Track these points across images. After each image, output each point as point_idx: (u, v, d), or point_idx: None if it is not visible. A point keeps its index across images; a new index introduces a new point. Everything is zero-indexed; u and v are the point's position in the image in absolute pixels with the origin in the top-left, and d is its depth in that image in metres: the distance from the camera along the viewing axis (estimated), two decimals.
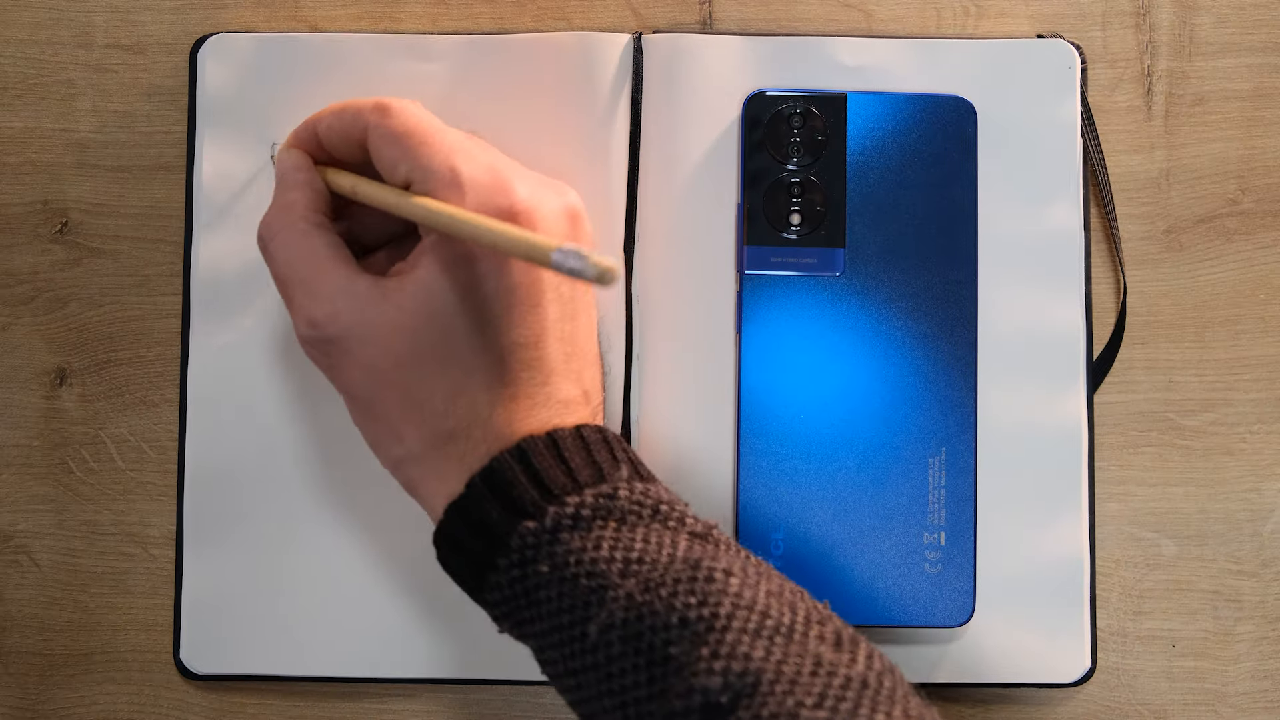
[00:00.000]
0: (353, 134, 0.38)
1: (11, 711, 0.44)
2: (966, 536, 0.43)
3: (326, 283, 0.36)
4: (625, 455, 0.36)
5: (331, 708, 0.44)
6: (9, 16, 0.45)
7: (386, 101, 0.37)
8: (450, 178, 0.36)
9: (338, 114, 0.38)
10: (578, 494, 0.34)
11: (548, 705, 0.44)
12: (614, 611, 0.32)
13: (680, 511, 0.35)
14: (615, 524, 0.34)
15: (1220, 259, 0.45)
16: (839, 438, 0.43)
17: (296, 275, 0.37)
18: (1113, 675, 0.45)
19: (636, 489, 0.35)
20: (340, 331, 0.36)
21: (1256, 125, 0.46)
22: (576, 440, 0.35)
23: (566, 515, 0.34)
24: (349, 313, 0.36)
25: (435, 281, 0.36)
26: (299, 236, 0.37)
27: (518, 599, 0.34)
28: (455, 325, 0.36)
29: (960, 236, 0.43)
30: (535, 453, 0.35)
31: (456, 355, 0.36)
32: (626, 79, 0.43)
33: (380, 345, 0.36)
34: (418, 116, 0.37)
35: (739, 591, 0.32)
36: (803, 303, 0.43)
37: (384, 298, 0.36)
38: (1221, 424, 0.45)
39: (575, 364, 0.38)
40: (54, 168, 0.45)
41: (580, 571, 0.33)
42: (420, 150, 0.36)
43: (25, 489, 0.45)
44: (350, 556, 0.43)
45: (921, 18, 0.45)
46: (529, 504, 0.34)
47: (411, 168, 0.36)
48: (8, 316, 0.45)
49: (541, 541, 0.34)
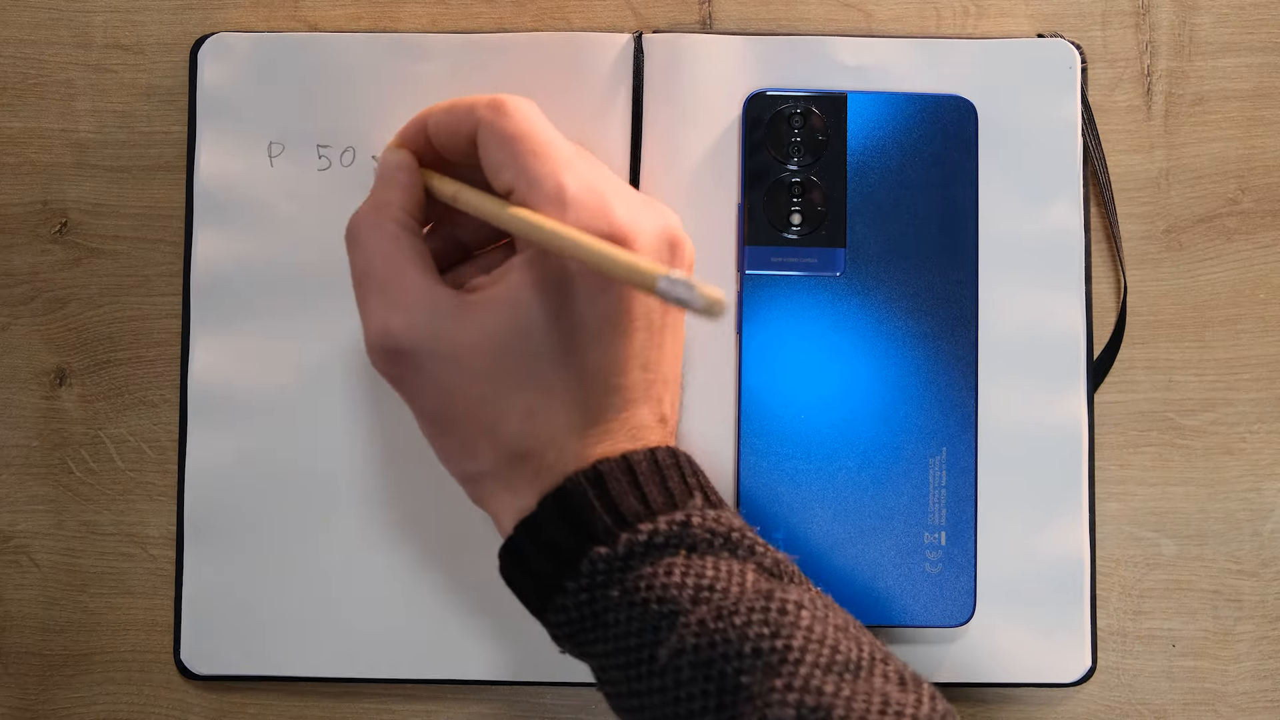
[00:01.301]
0: (463, 129, 0.36)
1: (11, 711, 0.44)
2: (967, 536, 0.43)
3: (407, 291, 0.35)
4: (697, 481, 0.36)
5: (331, 708, 0.44)
6: (9, 16, 0.45)
7: (502, 99, 0.36)
8: (555, 193, 0.34)
9: (449, 109, 0.37)
10: (651, 521, 0.34)
11: (548, 705, 0.44)
12: (685, 637, 0.32)
13: (750, 540, 0.35)
14: (687, 551, 0.34)
15: (1220, 259, 0.45)
16: (839, 437, 0.43)
17: (376, 278, 0.36)
18: (1113, 675, 0.45)
19: (709, 516, 0.34)
20: (414, 344, 0.35)
21: (1256, 125, 0.46)
22: (650, 464, 0.35)
23: (639, 543, 0.33)
24: (427, 325, 0.35)
25: (525, 299, 0.35)
26: (387, 238, 0.36)
27: (583, 621, 0.34)
28: (540, 346, 0.35)
29: (961, 236, 0.43)
30: (610, 477, 0.34)
31: (537, 376, 0.35)
32: (626, 79, 0.43)
33: (458, 362, 0.35)
34: (531, 121, 0.36)
35: (810, 625, 0.32)
36: (803, 303, 0.43)
37: (466, 313, 0.35)
38: (1221, 424, 0.45)
39: (656, 389, 0.37)
40: (54, 168, 0.45)
41: (651, 597, 0.33)
42: (529, 159, 0.35)
43: (25, 489, 0.45)
44: (350, 556, 0.43)
45: (921, 17, 0.45)
46: (601, 529, 0.34)
47: (517, 175, 0.35)
48: (8, 316, 0.45)
49: (613, 568, 0.33)
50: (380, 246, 0.36)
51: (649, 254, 0.35)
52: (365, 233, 0.36)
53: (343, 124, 0.44)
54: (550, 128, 0.36)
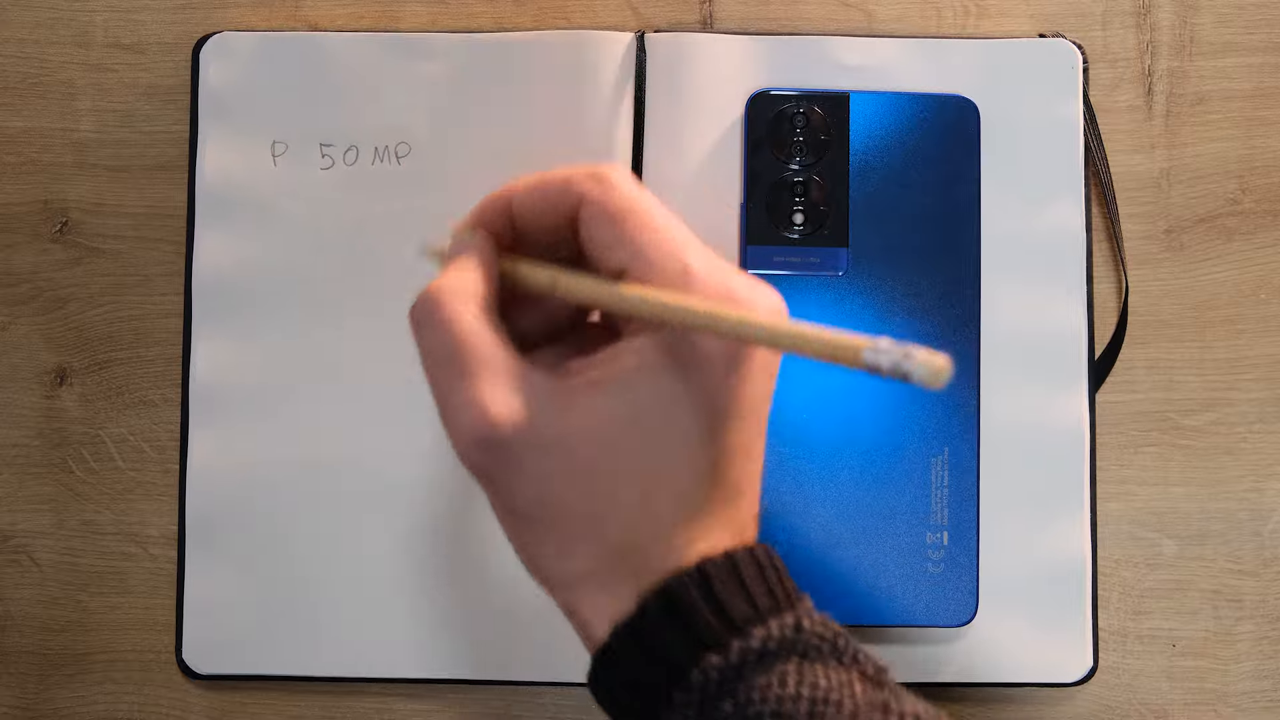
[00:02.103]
0: (561, 206, 0.33)
1: (11, 711, 0.44)
2: (969, 536, 0.43)
3: (505, 375, 0.31)
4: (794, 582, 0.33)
5: (331, 708, 0.44)
6: (9, 16, 0.45)
7: (604, 171, 0.32)
8: (680, 274, 0.31)
9: (539, 185, 0.33)
10: (762, 626, 0.31)
11: (548, 705, 0.44)
12: None
13: (855, 647, 0.32)
14: (798, 659, 0.31)
15: (1220, 259, 0.46)
16: (841, 437, 0.43)
17: (463, 362, 0.31)
18: (1113, 675, 0.45)
19: (818, 620, 0.32)
20: (516, 434, 0.30)
21: (1256, 125, 0.46)
22: (753, 564, 0.32)
23: (752, 650, 0.30)
24: (530, 412, 0.31)
25: (643, 382, 0.31)
26: (471, 316, 0.31)
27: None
28: (657, 433, 0.31)
29: (962, 236, 0.43)
30: (717, 578, 0.31)
31: (651, 465, 0.31)
32: (627, 78, 0.43)
33: (565, 452, 0.31)
34: (638, 194, 0.32)
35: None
36: (806, 302, 0.43)
37: (574, 398, 0.31)
38: (1222, 424, 0.45)
39: (756, 481, 0.34)
40: (54, 167, 0.45)
41: (765, 710, 0.30)
42: (647, 235, 0.31)
43: (25, 489, 0.45)
44: (351, 556, 0.43)
45: (922, 17, 0.46)
46: (710, 635, 0.30)
47: (633, 254, 0.31)
48: (8, 316, 0.45)
49: (726, 678, 0.30)
50: (465, 325, 0.31)
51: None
52: (446, 310, 0.31)
53: (345, 123, 0.44)
54: (654, 198, 0.33)
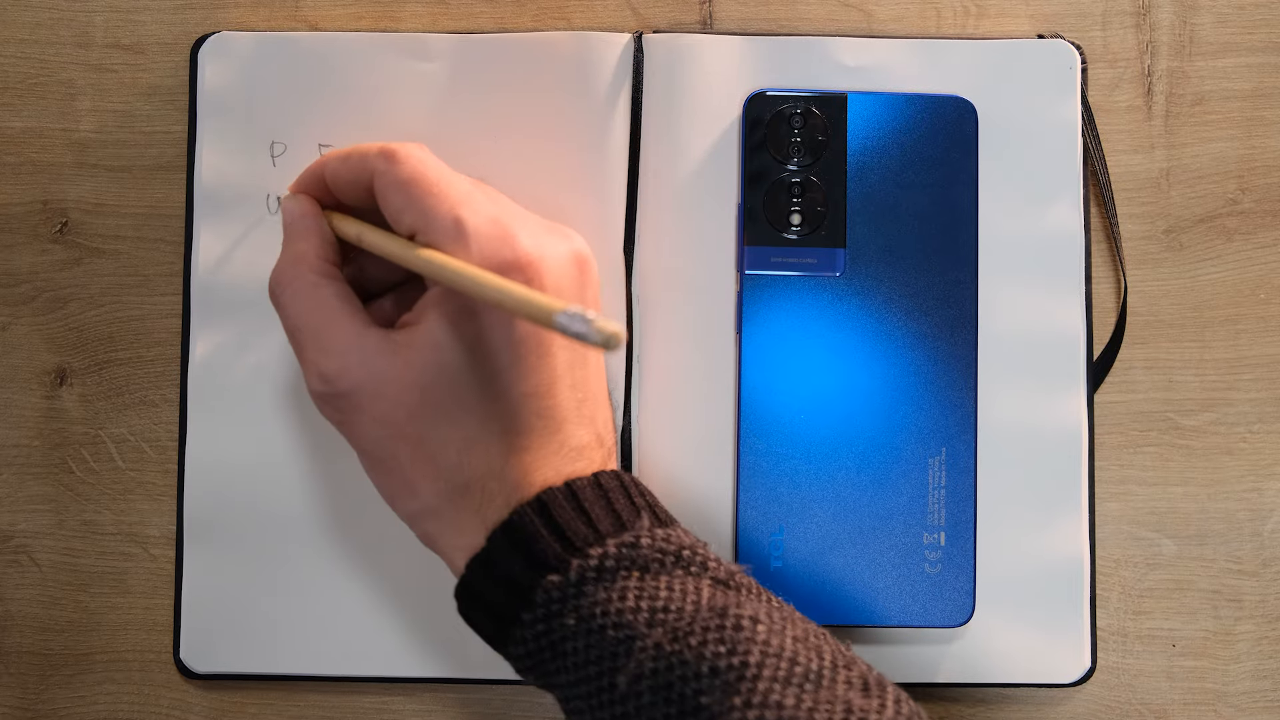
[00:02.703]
0: (360, 179, 0.37)
1: (11, 711, 0.44)
2: (966, 537, 0.43)
3: (338, 337, 0.36)
4: (644, 500, 0.36)
5: (331, 708, 0.44)
6: (9, 16, 0.45)
7: (393, 148, 0.37)
8: (454, 229, 0.35)
9: (343, 159, 0.38)
10: (600, 545, 0.34)
11: (549, 705, 0.44)
12: (643, 662, 0.32)
13: (702, 556, 0.35)
14: (639, 573, 0.34)
15: (1220, 259, 0.45)
16: (839, 438, 0.43)
17: (308, 329, 0.36)
18: (1113, 675, 0.45)
19: (658, 536, 0.35)
20: (351, 386, 0.35)
21: (1256, 125, 0.46)
22: (595, 489, 0.35)
23: (590, 568, 0.34)
24: (360, 367, 0.35)
25: (442, 335, 0.35)
26: (309, 289, 0.37)
27: (543, 652, 0.34)
28: (464, 378, 0.35)
29: (961, 236, 0.43)
30: (555, 504, 0.35)
31: (467, 407, 0.36)
32: (626, 79, 0.43)
33: (391, 400, 0.35)
34: (424, 163, 0.37)
35: (767, 639, 0.32)
36: (803, 303, 0.43)
37: (394, 351, 0.35)
38: (1221, 424, 0.45)
39: (588, 409, 0.37)
40: (54, 168, 0.45)
41: (607, 623, 0.33)
42: (425, 199, 0.36)
43: (25, 489, 0.45)
44: (350, 556, 0.43)
45: (921, 18, 0.45)
46: (551, 557, 0.34)
47: (416, 217, 0.36)
48: (8, 316, 0.45)
49: (566, 595, 0.34)
50: (305, 298, 0.37)
51: (559, 278, 0.36)
52: (287, 287, 0.37)
53: (344, 123, 0.44)
54: (443, 167, 0.37)
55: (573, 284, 0.37)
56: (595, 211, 0.43)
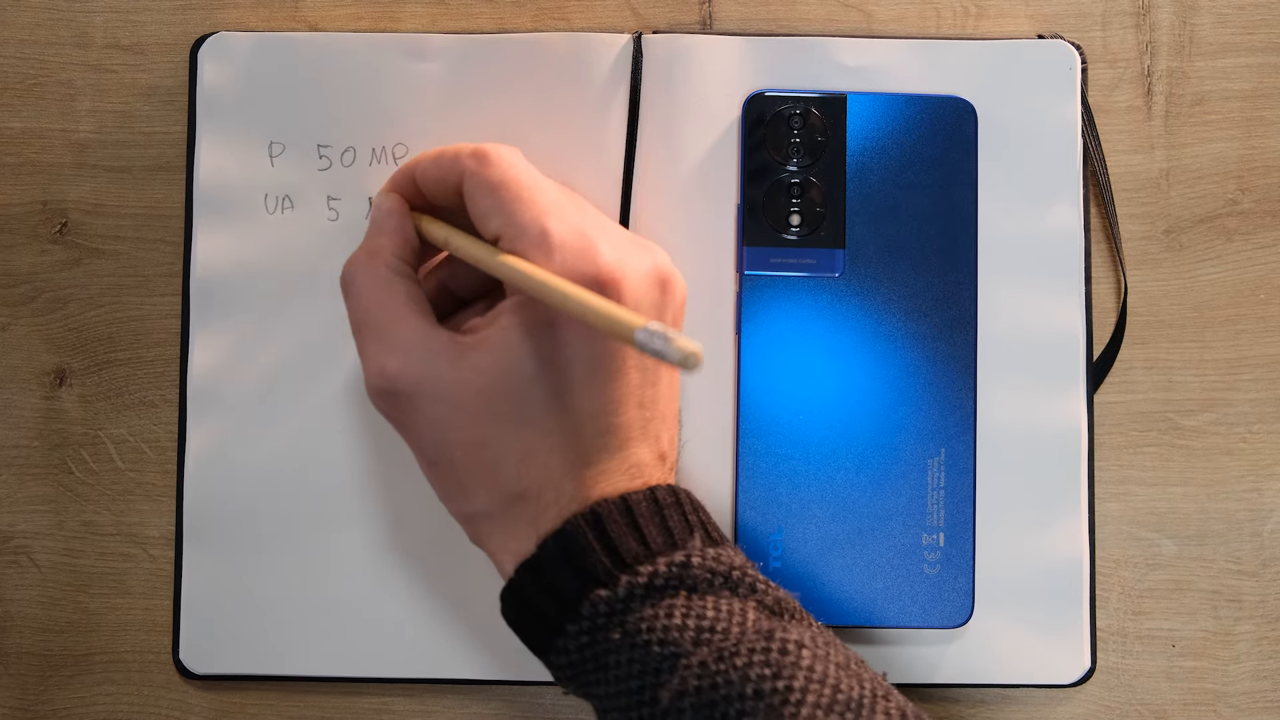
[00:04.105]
0: (449, 180, 0.37)
1: (11, 712, 0.44)
2: (966, 537, 0.43)
3: (403, 334, 0.36)
4: (697, 518, 0.36)
5: (331, 708, 0.44)
6: (9, 16, 0.45)
7: (485, 149, 0.37)
8: (540, 238, 0.35)
9: (435, 159, 0.38)
10: (650, 563, 0.34)
11: (548, 705, 0.44)
12: (686, 679, 0.32)
13: (751, 578, 0.35)
14: (687, 592, 0.34)
15: (1220, 259, 0.45)
16: (838, 438, 0.43)
17: (373, 323, 0.36)
18: (1113, 675, 0.45)
19: (709, 555, 0.35)
20: (411, 386, 0.35)
21: (1256, 125, 0.46)
22: (650, 504, 0.35)
23: (639, 585, 0.34)
24: (422, 367, 0.35)
25: (515, 343, 0.35)
26: (380, 283, 0.37)
27: (585, 663, 0.34)
28: (532, 389, 0.35)
29: (960, 237, 0.43)
30: (609, 518, 0.34)
31: (531, 418, 0.35)
32: (624, 80, 0.43)
33: (453, 404, 0.35)
34: (515, 167, 0.36)
35: (811, 664, 0.32)
36: (802, 303, 0.43)
37: (461, 355, 0.35)
38: (1221, 424, 0.45)
39: (654, 427, 0.37)
40: (54, 168, 0.45)
41: (652, 639, 0.33)
42: (514, 205, 0.35)
43: (25, 489, 0.45)
44: (350, 556, 0.43)
45: (921, 18, 0.45)
46: (601, 572, 0.34)
47: (503, 222, 0.36)
48: (8, 316, 0.45)
49: (614, 610, 0.34)
50: (374, 291, 0.36)
51: (638, 293, 0.36)
52: (359, 278, 0.37)
53: (343, 124, 0.44)
54: (534, 173, 0.37)
55: (653, 300, 0.36)
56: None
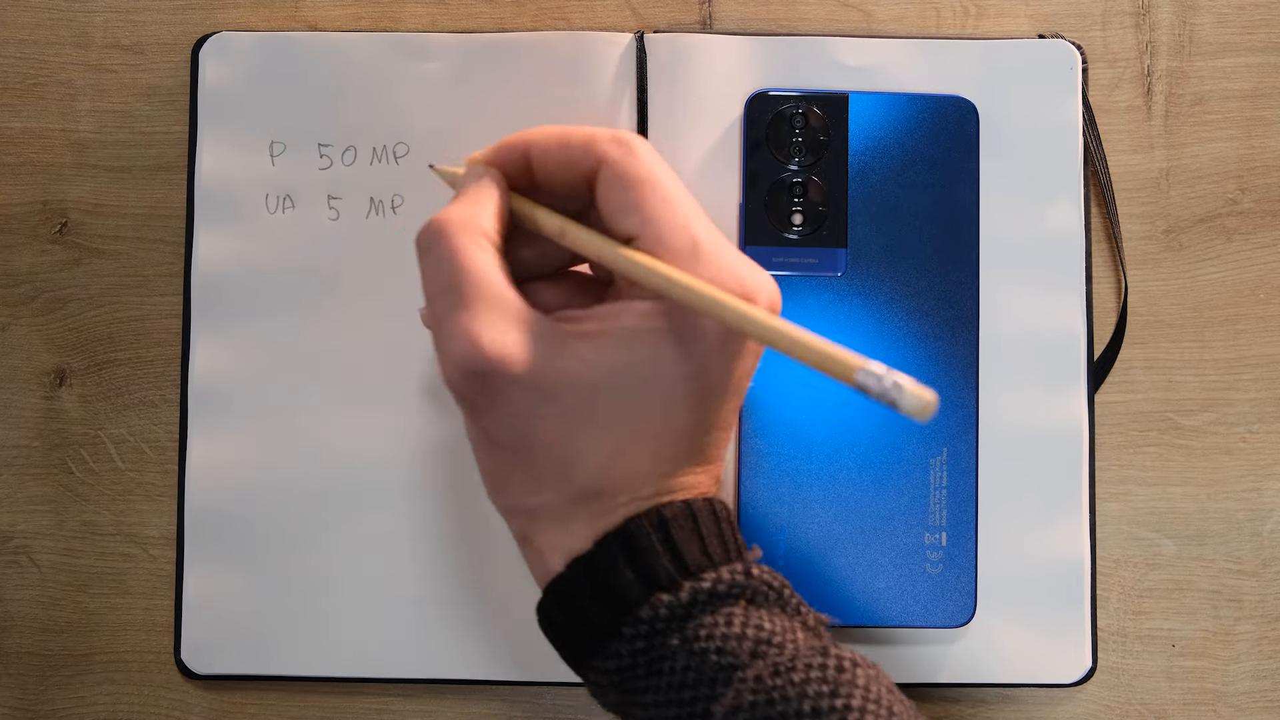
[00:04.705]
0: (581, 165, 0.33)
1: (11, 712, 0.44)
2: (968, 537, 0.43)
3: (501, 309, 0.32)
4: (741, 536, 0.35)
5: (331, 708, 0.44)
6: (9, 16, 0.45)
7: (628, 137, 0.33)
8: (689, 248, 0.32)
9: (562, 139, 0.34)
10: (713, 570, 0.33)
11: (547, 705, 0.44)
12: (742, 693, 0.31)
13: (796, 599, 0.34)
14: (745, 603, 0.33)
15: (1220, 259, 0.46)
16: (840, 438, 0.43)
17: (465, 291, 0.32)
18: (1113, 675, 0.45)
19: (766, 570, 0.34)
20: (506, 367, 0.31)
21: (1256, 125, 0.46)
22: (709, 514, 0.34)
23: (703, 590, 0.32)
24: (522, 349, 0.32)
25: (641, 346, 0.32)
26: (475, 249, 0.32)
27: (636, 669, 0.32)
28: (642, 394, 0.32)
29: (961, 236, 0.43)
30: (674, 523, 0.33)
31: (631, 422, 0.33)
32: (626, 79, 0.43)
33: (549, 394, 0.32)
34: (659, 164, 0.33)
35: (867, 685, 0.31)
36: (804, 303, 0.43)
37: (565, 344, 0.32)
38: (1221, 424, 0.45)
39: (725, 442, 0.36)
40: (54, 168, 0.45)
41: (710, 647, 0.32)
42: (660, 206, 0.32)
43: (25, 489, 0.45)
44: (350, 557, 0.43)
45: (922, 18, 0.45)
46: (664, 576, 0.32)
47: (642, 222, 0.32)
48: (8, 316, 0.45)
49: (675, 615, 0.32)
50: (470, 255, 0.32)
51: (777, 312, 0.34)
52: (452, 238, 0.32)
53: (344, 123, 0.44)
54: (673, 173, 0.34)
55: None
56: None
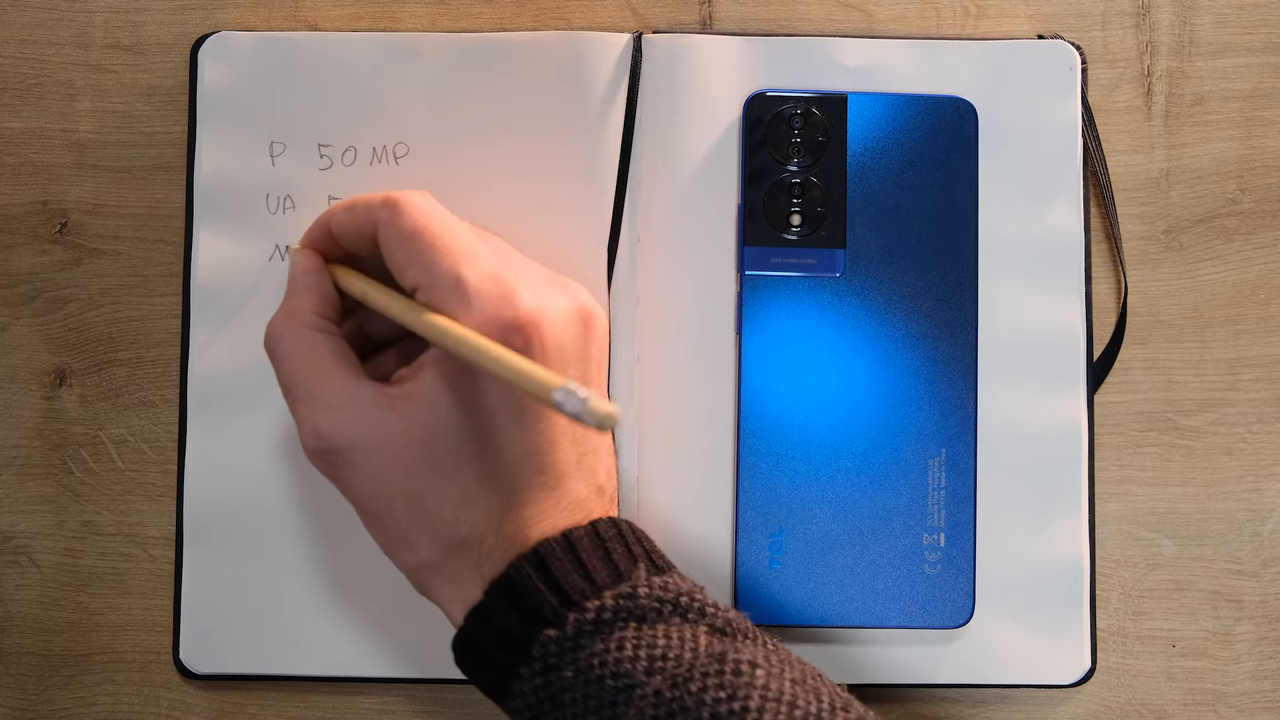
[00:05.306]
0: (364, 231, 0.37)
1: (11, 712, 0.44)
2: (966, 537, 0.43)
3: (331, 392, 0.36)
4: (641, 548, 0.36)
5: (331, 708, 0.44)
6: (9, 16, 0.45)
7: (396, 198, 0.37)
8: (455, 287, 0.35)
9: (348, 209, 0.38)
10: (597, 598, 0.34)
11: None
12: (643, 709, 0.32)
13: (700, 602, 0.35)
14: (636, 623, 0.34)
15: (1220, 259, 0.45)
16: (839, 439, 0.43)
17: (301, 384, 0.36)
18: (1113, 675, 0.45)
19: (655, 585, 0.35)
20: (345, 442, 0.35)
21: (1256, 125, 0.46)
22: (593, 539, 0.36)
23: (587, 621, 0.34)
24: (354, 423, 0.35)
25: (440, 394, 0.35)
26: (304, 344, 0.37)
27: (542, 704, 0.34)
28: (462, 435, 0.35)
29: (961, 237, 0.43)
30: (552, 558, 0.35)
31: (465, 464, 0.35)
32: (623, 80, 0.43)
33: (387, 456, 0.35)
34: (428, 214, 0.36)
35: (766, 683, 0.32)
36: (803, 304, 0.43)
37: (390, 407, 0.35)
38: (1221, 424, 0.45)
39: (589, 461, 0.37)
40: (54, 168, 0.45)
41: (605, 673, 0.33)
42: (428, 255, 0.35)
43: (25, 489, 0.45)
44: (350, 556, 0.43)
45: (921, 18, 0.45)
46: (548, 612, 0.34)
47: (419, 273, 0.36)
48: (8, 316, 0.45)
49: (564, 649, 0.34)
50: (299, 353, 0.37)
51: (559, 334, 0.36)
52: (283, 341, 0.37)
53: (344, 123, 0.44)
54: (448, 217, 0.37)
55: (575, 341, 0.37)
56: (592, 210, 0.43)
